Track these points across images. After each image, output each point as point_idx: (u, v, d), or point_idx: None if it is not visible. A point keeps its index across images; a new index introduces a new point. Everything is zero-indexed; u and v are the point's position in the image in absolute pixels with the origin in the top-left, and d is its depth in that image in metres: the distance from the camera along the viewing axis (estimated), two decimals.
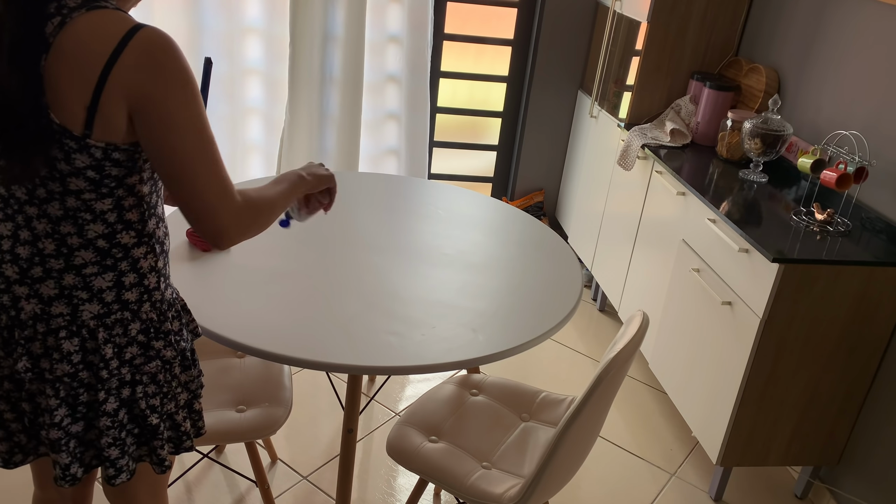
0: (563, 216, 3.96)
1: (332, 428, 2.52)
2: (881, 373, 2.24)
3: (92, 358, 1.23)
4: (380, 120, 3.68)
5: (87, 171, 1.13)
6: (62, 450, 1.25)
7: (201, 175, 1.16)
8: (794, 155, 2.71)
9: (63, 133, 1.10)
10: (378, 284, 1.86)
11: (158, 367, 1.29)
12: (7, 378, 1.25)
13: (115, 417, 1.26)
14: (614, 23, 3.31)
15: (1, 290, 1.21)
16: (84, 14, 1.08)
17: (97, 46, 1.08)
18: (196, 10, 3.28)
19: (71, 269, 1.20)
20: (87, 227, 1.18)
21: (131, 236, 1.22)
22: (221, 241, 1.21)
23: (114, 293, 1.23)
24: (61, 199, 1.15)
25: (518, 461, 1.80)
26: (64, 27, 1.07)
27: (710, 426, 2.34)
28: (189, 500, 2.17)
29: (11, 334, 1.22)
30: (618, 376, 1.53)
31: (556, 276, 2.00)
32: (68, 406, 1.24)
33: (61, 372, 1.22)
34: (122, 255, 1.22)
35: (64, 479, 1.27)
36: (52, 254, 1.19)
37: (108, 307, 1.23)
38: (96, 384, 1.24)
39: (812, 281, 2.06)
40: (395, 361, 1.57)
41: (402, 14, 3.44)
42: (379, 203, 2.33)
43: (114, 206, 1.18)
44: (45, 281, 1.20)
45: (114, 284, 1.22)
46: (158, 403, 1.30)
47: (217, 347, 2.06)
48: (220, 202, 1.18)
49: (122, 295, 1.24)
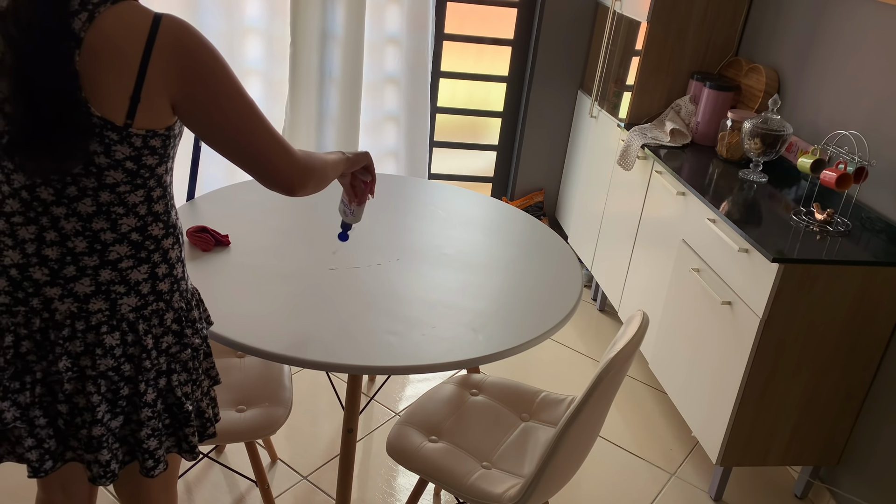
0: (563, 216, 3.96)
1: (332, 428, 2.52)
2: (881, 373, 2.24)
3: (132, 350, 1.26)
4: (380, 120, 3.68)
5: (126, 161, 1.17)
6: (103, 447, 1.27)
7: (260, 135, 1.23)
8: (794, 155, 2.71)
9: (104, 125, 1.13)
10: (378, 284, 1.86)
11: (189, 355, 1.33)
12: (40, 382, 1.25)
13: (154, 408, 1.29)
14: (614, 23, 3.31)
15: (30, 294, 1.21)
16: (110, 7, 1.11)
17: (131, 37, 1.11)
18: (196, 10, 3.28)
19: (106, 264, 1.22)
20: (120, 221, 1.21)
21: (160, 227, 1.26)
22: (294, 192, 1.30)
23: (149, 285, 1.26)
24: (94, 195, 1.18)
25: (518, 461, 1.80)
26: (93, 22, 1.10)
27: (710, 426, 2.34)
28: (189, 500, 2.17)
29: (46, 337, 1.23)
30: (618, 376, 1.53)
31: (556, 276, 2.00)
32: (108, 402, 1.26)
33: (105, 367, 1.23)
34: (154, 247, 1.26)
35: (104, 476, 1.29)
36: (84, 251, 1.20)
37: (145, 299, 1.26)
38: (136, 376, 1.26)
39: (812, 281, 2.06)
40: (395, 361, 1.57)
41: (402, 14, 3.44)
42: (379, 203, 2.33)
43: (144, 198, 1.22)
44: (80, 279, 1.21)
45: (149, 276, 1.26)
46: (190, 391, 1.34)
47: (217, 347, 2.06)
48: (285, 158, 1.27)
49: (156, 286, 1.27)
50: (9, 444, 1.29)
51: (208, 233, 1.95)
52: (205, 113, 1.19)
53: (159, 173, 1.23)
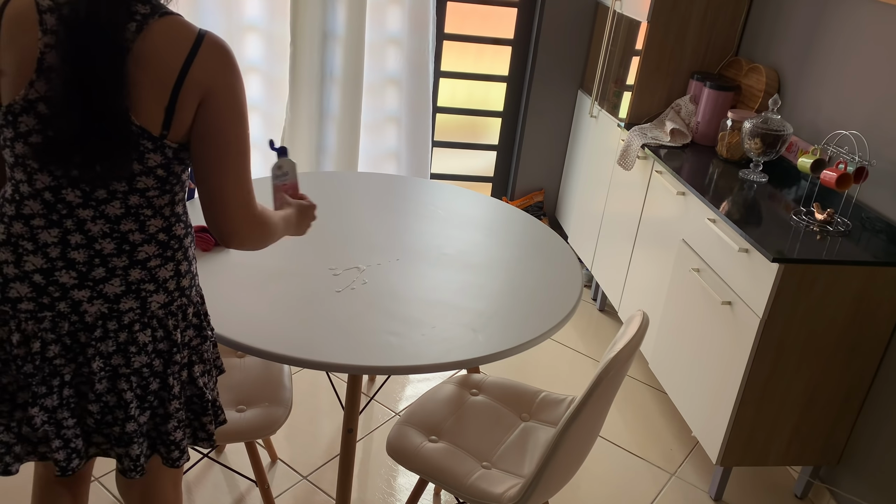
0: (563, 216, 3.96)
1: (332, 428, 2.52)
2: (881, 373, 2.24)
3: (162, 346, 1.29)
4: (381, 121, 3.68)
5: (158, 169, 1.19)
6: (135, 441, 1.29)
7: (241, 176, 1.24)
8: (794, 155, 2.71)
9: (142, 134, 1.15)
10: (378, 284, 1.86)
11: (207, 347, 1.38)
12: (68, 384, 1.26)
13: (180, 399, 1.33)
14: (614, 23, 3.32)
15: (56, 298, 1.21)
16: (157, 20, 1.14)
17: (174, 51, 1.14)
18: (196, 9, 3.28)
19: (136, 264, 1.24)
20: (148, 222, 1.23)
21: (182, 227, 1.29)
22: (232, 241, 1.29)
23: (174, 282, 1.29)
24: (124, 198, 1.20)
25: (518, 461, 1.80)
26: (141, 33, 1.12)
27: (710, 426, 2.34)
28: (189, 500, 2.17)
29: (75, 339, 1.24)
30: (618, 376, 1.53)
31: (556, 276, 2.00)
32: (138, 398, 1.29)
33: (139, 364, 1.26)
34: (177, 246, 1.29)
35: (135, 469, 1.32)
36: (112, 253, 1.22)
37: (171, 295, 1.29)
38: (165, 370, 1.30)
39: (812, 281, 2.06)
40: (395, 361, 1.57)
41: (402, 14, 3.44)
42: (379, 203, 2.33)
43: (170, 201, 1.25)
44: (110, 280, 1.23)
45: (174, 274, 1.29)
46: (208, 380, 1.38)
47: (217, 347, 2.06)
48: (246, 206, 1.27)
49: (180, 282, 1.30)
50: (29, 445, 1.30)
51: (208, 233, 1.95)
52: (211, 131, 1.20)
53: (184, 179, 1.27)
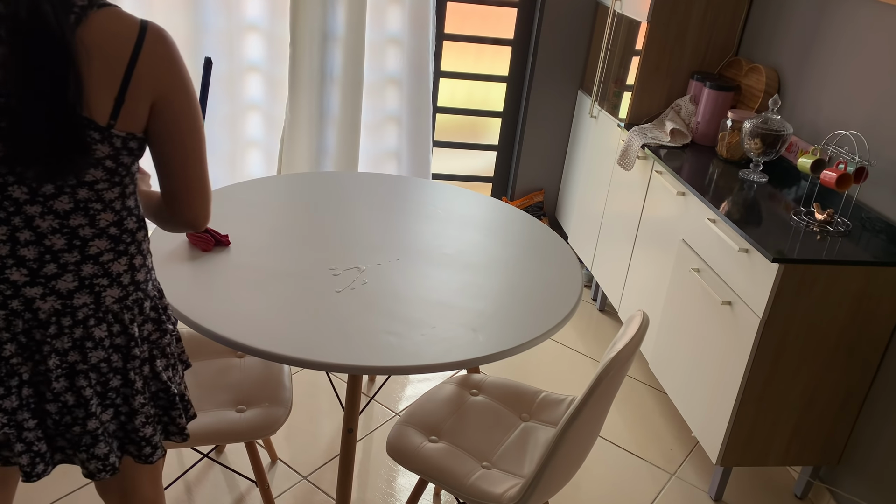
0: (563, 216, 3.96)
1: (332, 428, 2.52)
2: (881, 373, 2.24)
3: (119, 341, 1.28)
4: (381, 121, 3.68)
5: (106, 160, 1.19)
6: (100, 440, 1.28)
7: (201, 168, 1.28)
8: (794, 155, 2.71)
9: (89, 125, 1.14)
10: (378, 284, 1.86)
11: (168, 341, 1.37)
12: (27, 384, 1.25)
13: (144, 395, 1.32)
14: (614, 23, 3.31)
15: (9, 297, 1.21)
16: (96, 12, 1.14)
17: (119, 41, 1.14)
18: (196, 9, 3.28)
19: (88, 259, 1.23)
20: (98, 216, 1.22)
21: (133, 221, 1.29)
22: (196, 228, 1.34)
23: (129, 276, 1.29)
24: (72, 193, 1.19)
25: (518, 461, 1.80)
26: (81, 24, 1.12)
27: (710, 426, 2.34)
28: (189, 500, 2.17)
29: (31, 337, 1.23)
30: (618, 376, 1.53)
31: (556, 276, 2.00)
32: (99, 395, 1.28)
33: (96, 359, 1.26)
34: (130, 240, 1.28)
35: (105, 469, 1.31)
36: (63, 248, 1.21)
37: (126, 289, 1.29)
38: (125, 366, 1.29)
39: (812, 281, 2.06)
40: (395, 361, 1.57)
41: (402, 14, 3.44)
42: (379, 203, 2.33)
43: (119, 194, 1.24)
44: (62, 276, 1.22)
45: (128, 268, 1.28)
46: (172, 374, 1.38)
47: (217, 347, 2.06)
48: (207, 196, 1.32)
49: (134, 277, 1.30)
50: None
51: (208, 233, 1.95)
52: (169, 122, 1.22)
53: (133, 171, 1.26)
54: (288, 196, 2.31)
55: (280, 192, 2.33)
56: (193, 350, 2.05)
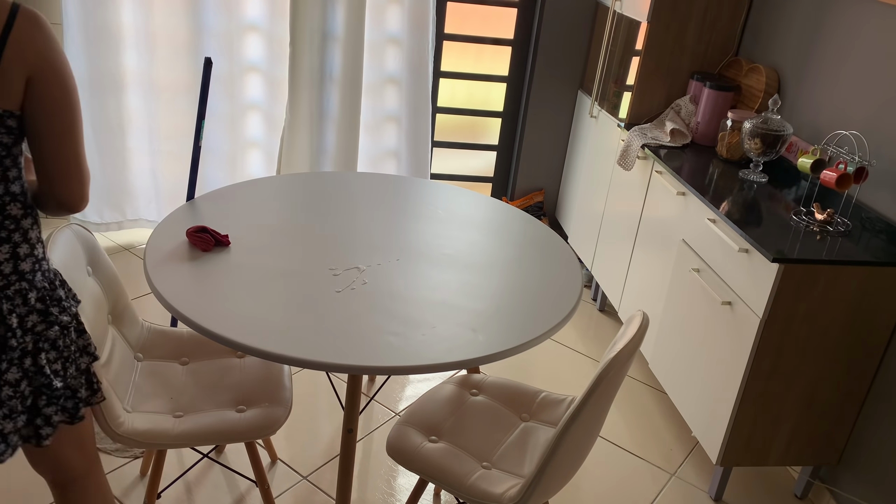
0: (563, 216, 3.96)
1: (332, 428, 2.52)
2: (881, 373, 2.24)
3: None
4: (380, 121, 3.68)
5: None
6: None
7: (79, 145, 1.30)
8: (794, 155, 2.71)
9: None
10: (378, 284, 1.86)
11: (58, 333, 1.34)
12: None
13: (17, 388, 1.29)
14: (614, 23, 3.32)
15: None
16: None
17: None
18: (197, 9, 3.29)
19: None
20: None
21: (18, 207, 1.27)
22: (73, 210, 1.34)
23: (11, 265, 1.27)
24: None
25: (518, 461, 1.80)
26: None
27: (710, 426, 2.34)
28: (189, 500, 2.17)
29: None
30: (618, 376, 1.53)
31: (556, 276, 2.00)
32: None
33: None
34: (13, 227, 1.27)
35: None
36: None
37: (7, 279, 1.27)
38: (0, 354, 1.27)
39: (812, 281, 2.06)
40: (395, 361, 1.57)
41: (402, 14, 3.44)
42: (379, 203, 2.33)
43: (0, 178, 1.24)
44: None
45: (10, 256, 1.27)
46: (61, 368, 1.35)
47: (217, 347, 2.06)
48: (84, 176, 1.33)
49: (18, 266, 1.28)
50: None
51: (208, 233, 1.95)
52: (42, 98, 1.23)
53: (15, 153, 1.25)
54: (288, 196, 2.31)
55: (280, 192, 2.33)
56: (193, 350, 2.05)
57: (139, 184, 3.60)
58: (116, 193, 3.57)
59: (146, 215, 3.68)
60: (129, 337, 1.97)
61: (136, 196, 3.62)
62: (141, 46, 3.31)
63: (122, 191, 3.57)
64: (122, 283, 1.95)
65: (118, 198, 3.58)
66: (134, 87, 3.41)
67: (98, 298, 1.82)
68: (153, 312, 3.05)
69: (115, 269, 1.94)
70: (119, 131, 3.45)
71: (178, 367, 2.00)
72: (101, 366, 1.72)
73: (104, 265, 1.88)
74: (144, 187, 3.62)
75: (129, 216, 3.64)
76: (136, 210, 3.65)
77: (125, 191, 3.58)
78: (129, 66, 3.36)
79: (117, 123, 3.43)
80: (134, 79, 3.39)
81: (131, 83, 3.40)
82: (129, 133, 3.48)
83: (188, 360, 2.03)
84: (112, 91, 3.37)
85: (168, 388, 1.91)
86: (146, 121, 3.46)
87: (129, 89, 3.40)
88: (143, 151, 3.54)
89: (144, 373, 1.94)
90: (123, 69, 3.35)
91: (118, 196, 3.58)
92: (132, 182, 3.58)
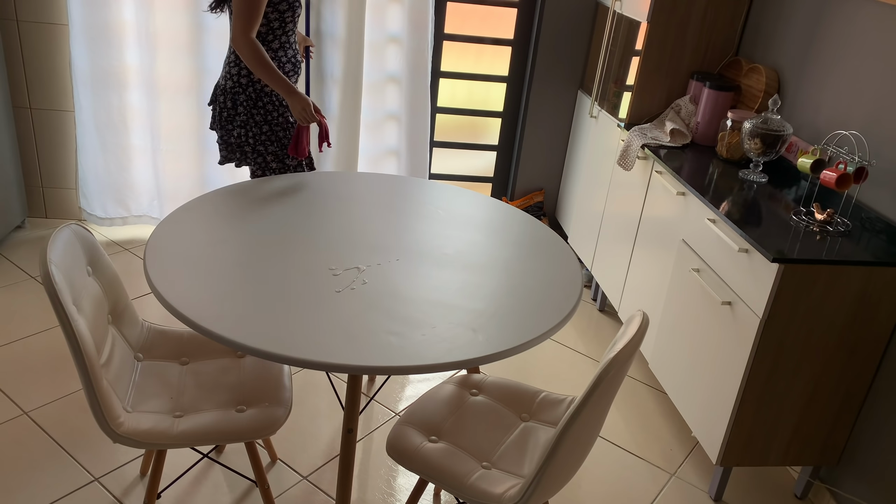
0: (563, 216, 3.96)
1: (332, 428, 2.52)
2: (881, 373, 2.24)
3: None
4: (380, 120, 3.68)
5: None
6: None
7: (242, 17, 2.35)
8: (794, 155, 2.71)
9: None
10: (378, 284, 1.86)
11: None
12: None
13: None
14: (614, 23, 3.31)
15: None
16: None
17: None
18: (198, 8, 3.29)
19: None
20: None
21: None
22: (234, 45, 2.40)
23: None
24: None
25: (518, 461, 1.80)
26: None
27: (710, 426, 2.34)
28: (189, 500, 2.17)
29: None
30: (618, 376, 1.53)
31: (556, 276, 2.00)
32: None
33: None
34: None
35: None
36: None
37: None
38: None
39: (812, 281, 2.06)
40: (395, 361, 1.57)
41: (402, 14, 3.44)
42: (379, 203, 2.33)
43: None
44: None
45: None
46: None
47: (217, 347, 2.06)
48: (240, 31, 2.36)
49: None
50: None
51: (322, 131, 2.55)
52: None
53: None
54: (288, 196, 2.31)
55: (280, 192, 2.33)
56: (193, 350, 2.05)
57: (142, 181, 3.62)
58: (121, 190, 3.59)
59: (150, 212, 3.70)
60: (130, 337, 1.97)
61: (140, 193, 3.64)
62: (143, 45, 3.32)
63: (127, 187, 3.59)
64: (122, 282, 1.95)
65: (123, 194, 3.60)
66: (136, 86, 3.42)
67: (98, 298, 1.82)
68: (153, 312, 3.05)
69: (115, 268, 1.94)
70: (122, 128, 3.47)
71: (178, 367, 2.00)
72: (102, 366, 1.72)
73: (104, 265, 1.89)
74: (147, 185, 3.63)
75: (133, 212, 3.67)
76: (140, 206, 3.67)
77: (129, 187, 3.60)
78: (131, 65, 3.37)
79: (120, 120, 3.44)
80: (136, 77, 3.40)
81: (134, 81, 3.41)
82: (132, 130, 3.50)
83: (188, 360, 2.03)
84: (115, 89, 3.38)
85: (168, 388, 1.91)
86: (148, 119, 3.47)
87: (132, 87, 3.42)
88: (146, 149, 3.55)
89: (144, 373, 1.94)
90: (126, 67, 3.36)
91: (123, 192, 3.60)
92: (136, 179, 3.60)
